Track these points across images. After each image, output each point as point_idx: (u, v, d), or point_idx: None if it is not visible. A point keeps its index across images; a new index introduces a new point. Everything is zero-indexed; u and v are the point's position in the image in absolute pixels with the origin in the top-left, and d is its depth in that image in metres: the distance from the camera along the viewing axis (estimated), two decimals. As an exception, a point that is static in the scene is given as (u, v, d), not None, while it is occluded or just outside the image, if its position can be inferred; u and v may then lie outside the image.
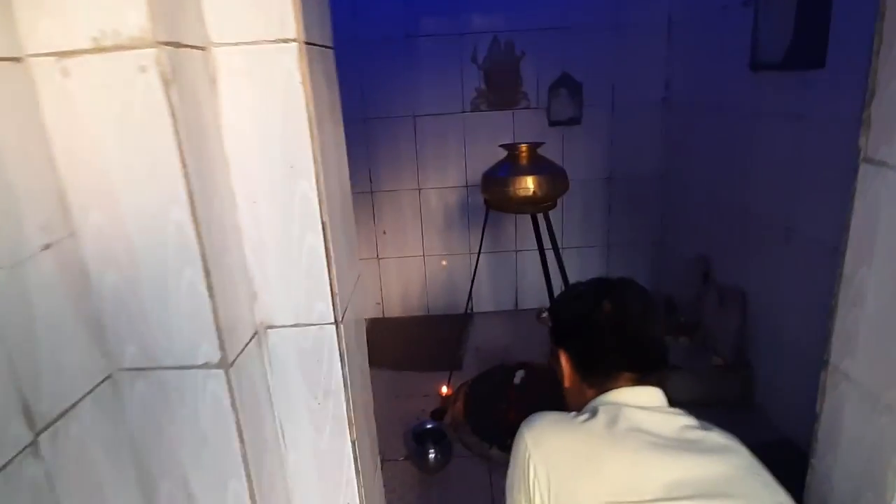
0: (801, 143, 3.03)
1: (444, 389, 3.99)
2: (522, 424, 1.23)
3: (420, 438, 3.28)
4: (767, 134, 3.33)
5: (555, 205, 3.30)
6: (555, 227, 3.73)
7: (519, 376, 3.63)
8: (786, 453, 4.05)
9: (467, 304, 4.08)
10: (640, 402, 1.16)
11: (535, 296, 5.39)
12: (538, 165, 3.09)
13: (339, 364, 1.31)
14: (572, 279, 3.92)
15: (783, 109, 3.17)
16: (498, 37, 4.64)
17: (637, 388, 1.20)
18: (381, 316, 5.41)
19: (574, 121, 4.79)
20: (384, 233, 5.17)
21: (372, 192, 5.06)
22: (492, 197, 3.22)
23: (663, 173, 4.94)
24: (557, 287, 4.20)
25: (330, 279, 1.27)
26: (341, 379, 1.33)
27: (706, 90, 4.02)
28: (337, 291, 1.30)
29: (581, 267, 5.06)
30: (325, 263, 1.26)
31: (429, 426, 3.33)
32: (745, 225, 3.67)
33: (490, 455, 3.35)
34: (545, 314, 3.50)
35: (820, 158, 2.88)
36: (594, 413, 1.14)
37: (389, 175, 5.03)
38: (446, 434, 3.25)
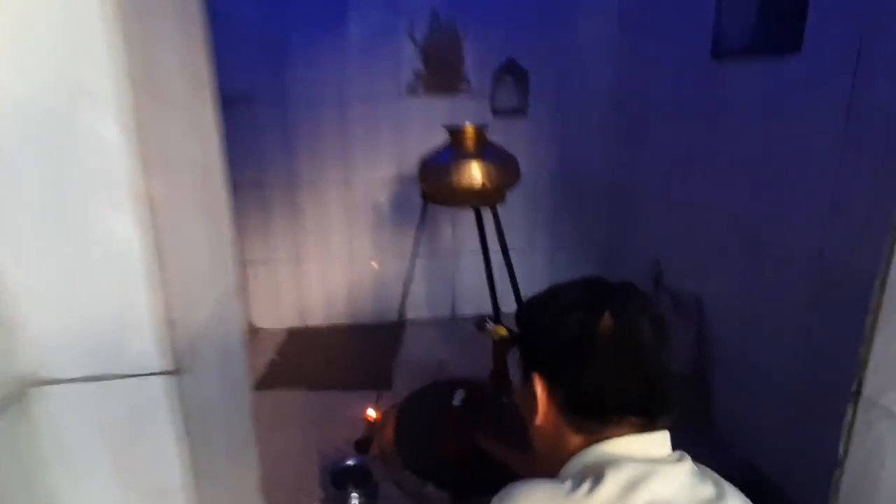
0: (770, 138, 2.74)
1: (371, 413, 3.41)
2: (495, 501, 0.92)
3: (340, 480, 2.69)
4: (731, 128, 3.04)
5: (503, 199, 2.83)
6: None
7: (458, 397, 3.12)
8: (746, 476, 3.85)
9: (400, 310, 3.53)
10: (652, 454, 0.88)
11: (474, 301, 4.92)
12: (487, 151, 2.61)
13: (181, 442, 0.75)
14: (521, 286, 3.49)
15: (749, 101, 2.88)
16: (438, 13, 4.14)
17: (646, 436, 0.90)
18: (301, 325, 4.73)
19: (519, 112, 4.38)
20: (305, 229, 4.50)
21: (291, 185, 4.39)
22: (430, 188, 2.70)
23: (614, 171, 4.64)
24: (503, 293, 3.75)
25: (158, 299, 0.70)
26: (182, 468, 0.76)
27: (662, 81, 3.73)
28: (176, 319, 0.74)
29: (523, 271, 4.64)
30: (144, 271, 0.70)
31: (350, 463, 2.75)
32: (704, 227, 3.38)
33: (425, 496, 2.82)
34: (489, 324, 3.05)
35: (793, 154, 2.59)
36: (598, 479, 0.82)
37: (312, 164, 4.39)
38: (371, 473, 2.68)
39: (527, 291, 4.24)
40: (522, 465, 1.71)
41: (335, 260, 4.61)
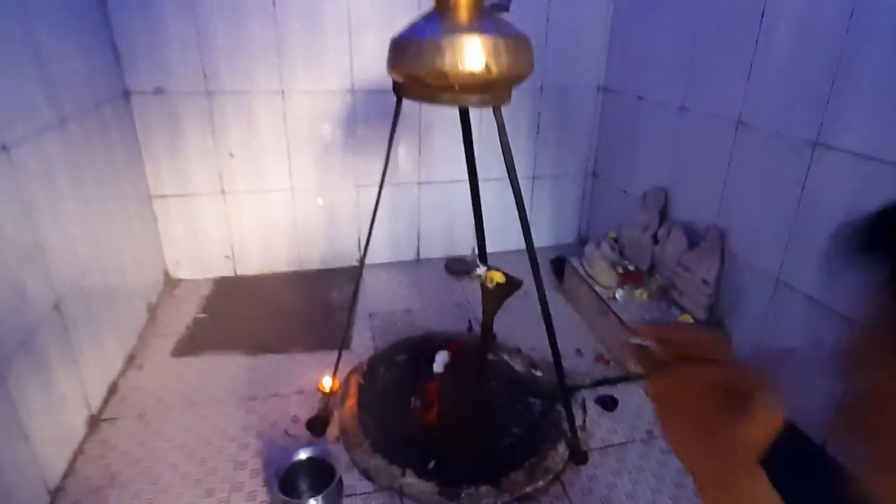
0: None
1: (327, 383, 2.70)
2: None
3: (290, 481, 1.99)
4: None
5: (509, 96, 2.07)
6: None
7: (440, 361, 2.46)
8: (793, 443, 3.50)
9: (362, 255, 2.78)
10: None
11: (441, 241, 4.20)
12: (487, 25, 1.80)
13: None
14: (490, 219, 2.81)
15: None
16: None
17: None
18: (231, 274, 3.85)
19: (501, 6, 3.50)
20: (231, 155, 3.55)
21: (208, 94, 3.38)
22: (408, 78, 1.88)
23: (608, 81, 3.93)
24: (493, 229, 3.08)
25: None
26: None
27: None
28: None
29: (496, 203, 3.95)
30: None
31: (303, 456, 2.04)
32: (729, 142, 2.77)
33: (403, 486, 2.18)
34: (480, 269, 2.36)
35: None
36: None
37: (235, 69, 3.38)
38: (333, 467, 2.00)
39: (506, 229, 3.55)
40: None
41: (273, 193, 3.71)
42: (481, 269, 2.37)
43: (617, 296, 3.16)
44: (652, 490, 2.21)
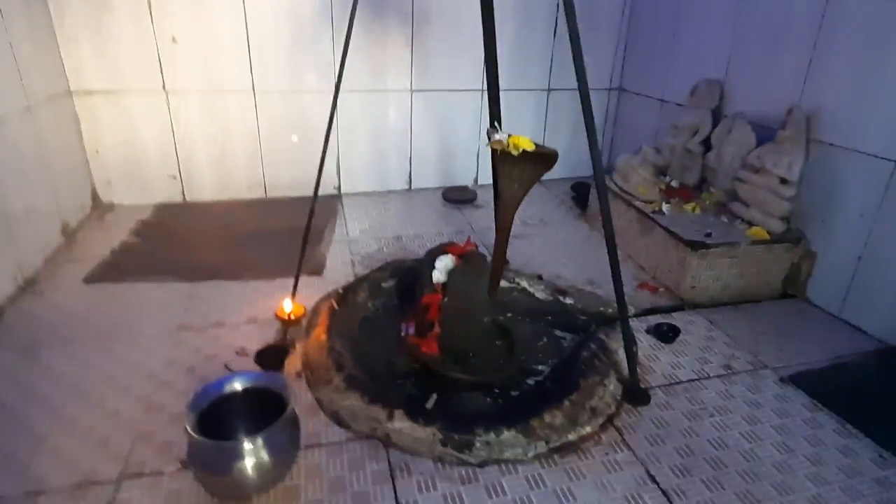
0: None
1: (287, 306, 2.00)
2: None
3: (219, 423, 1.29)
4: None
5: None
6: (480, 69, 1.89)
7: (443, 268, 1.75)
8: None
9: (320, 166, 2.10)
10: None
11: (438, 168, 3.51)
12: None
13: None
14: (506, 129, 2.12)
15: None
16: None
17: None
18: (178, 200, 3.12)
19: None
20: (174, 41, 2.81)
21: (143, -42, 2.65)
22: None
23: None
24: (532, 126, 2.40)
25: None
26: None
27: None
28: None
29: (512, 116, 3.28)
30: None
31: (239, 386, 1.35)
32: (820, 2, 2.11)
33: (390, 433, 1.49)
34: (499, 135, 1.65)
35: None
36: None
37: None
38: (283, 398, 1.30)
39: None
40: None
41: (228, 95, 2.98)
42: (500, 134, 1.68)
43: (664, 209, 2.49)
44: (748, 437, 1.54)
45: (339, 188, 3.35)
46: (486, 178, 3.58)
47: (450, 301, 1.74)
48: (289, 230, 2.79)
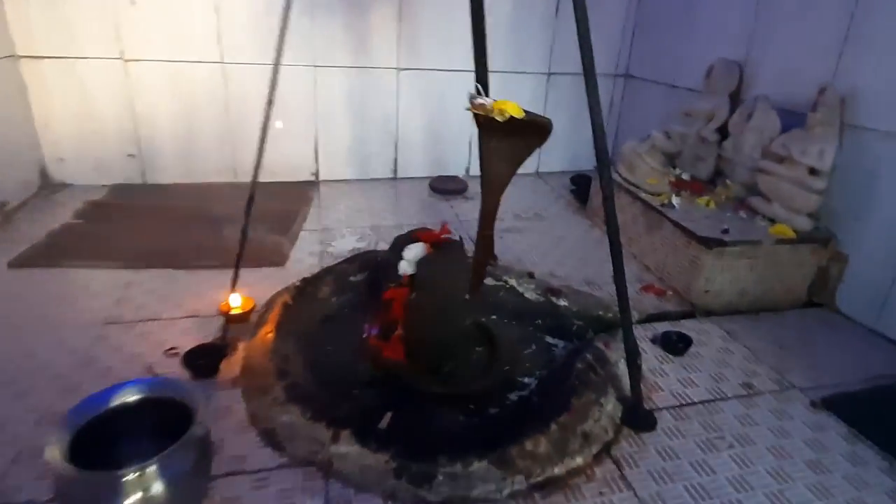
0: None
1: (234, 301, 1.72)
2: None
3: (101, 443, 1.01)
4: None
5: None
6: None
7: (412, 257, 1.46)
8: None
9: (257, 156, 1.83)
10: None
11: (426, 156, 3.23)
12: None
13: None
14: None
15: None
16: None
17: None
18: (137, 181, 2.84)
19: None
20: (133, 3, 2.54)
21: None
22: None
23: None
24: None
25: None
26: None
27: None
28: None
29: (519, 99, 2.97)
30: None
31: (132, 396, 1.06)
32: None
33: (333, 458, 1.20)
34: (482, 99, 1.37)
35: None
36: None
37: None
38: (190, 410, 1.02)
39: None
40: None
41: (195, 66, 2.70)
42: (484, 98, 1.39)
43: (673, 202, 2.20)
44: (776, 475, 1.25)
45: (316, 174, 3.06)
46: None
47: (418, 297, 1.45)
48: (259, 216, 2.51)
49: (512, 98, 1.95)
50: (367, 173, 3.15)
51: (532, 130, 1.43)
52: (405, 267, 1.47)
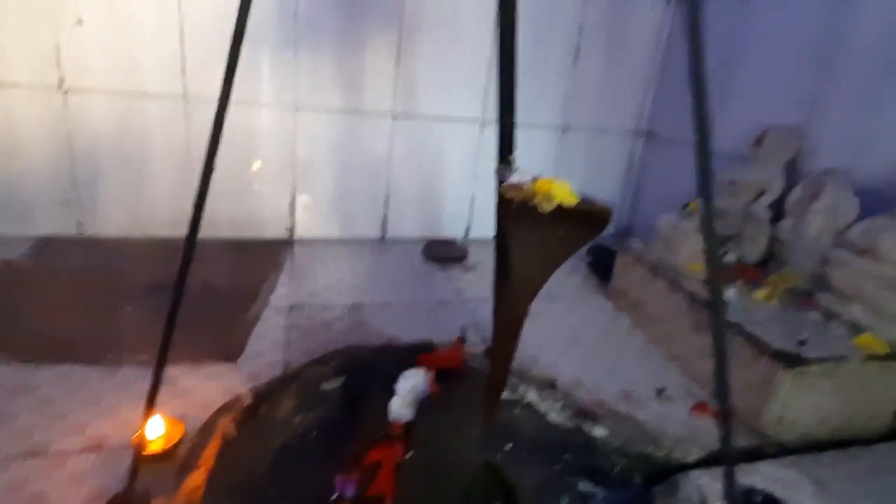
0: None
1: (151, 430, 1.22)
2: None
3: None
4: None
5: None
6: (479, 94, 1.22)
7: (407, 392, 1.01)
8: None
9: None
10: None
11: (420, 215, 2.81)
12: None
13: None
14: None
15: None
16: None
17: None
18: (72, 233, 2.36)
19: None
20: (80, 23, 2.12)
21: None
22: None
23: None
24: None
25: None
26: None
27: None
28: None
29: (528, 156, 2.58)
30: None
31: None
32: None
33: None
34: (518, 175, 0.98)
35: None
36: None
37: None
38: None
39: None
40: None
41: (151, 101, 2.27)
42: (518, 174, 0.97)
43: (730, 296, 1.79)
44: None
45: (291, 230, 2.61)
46: (481, 230, 2.89)
47: (417, 459, 0.99)
48: (210, 287, 2.03)
49: (519, 153, 1.53)
50: (352, 232, 2.71)
51: (585, 222, 1.01)
52: (399, 408, 1.01)
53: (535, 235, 1.04)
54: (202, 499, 1.09)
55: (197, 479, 1.14)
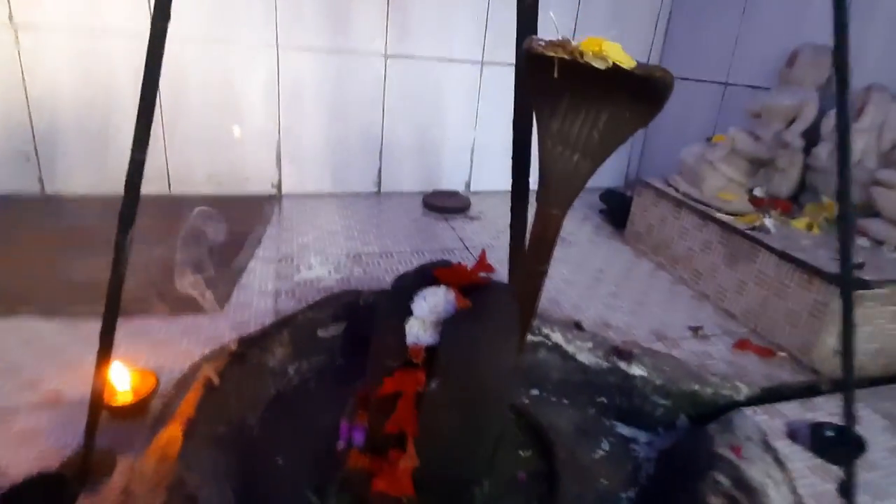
0: None
1: (121, 381, 1.03)
2: None
3: None
4: None
5: None
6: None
7: (425, 312, 0.82)
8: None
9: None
10: None
11: (418, 166, 2.61)
12: None
13: None
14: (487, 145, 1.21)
15: None
16: None
17: None
18: (33, 190, 2.13)
19: None
20: (25, -52, 1.87)
21: None
22: None
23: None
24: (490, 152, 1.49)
25: None
26: None
27: None
28: None
29: (502, 91, 2.36)
30: None
31: None
32: None
33: None
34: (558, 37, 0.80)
35: None
36: None
37: None
38: None
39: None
40: None
41: (111, 38, 2.03)
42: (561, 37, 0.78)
43: (768, 224, 1.61)
44: None
45: (278, 186, 2.40)
46: (482, 182, 2.69)
47: (443, 389, 0.80)
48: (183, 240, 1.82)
49: (506, 87, 1.32)
50: (345, 186, 2.50)
51: (642, 89, 0.82)
52: (418, 333, 0.82)
53: (582, 110, 0.85)
54: (179, 454, 0.90)
55: (172, 432, 0.95)
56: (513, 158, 1.22)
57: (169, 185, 2.25)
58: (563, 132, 0.91)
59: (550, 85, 0.85)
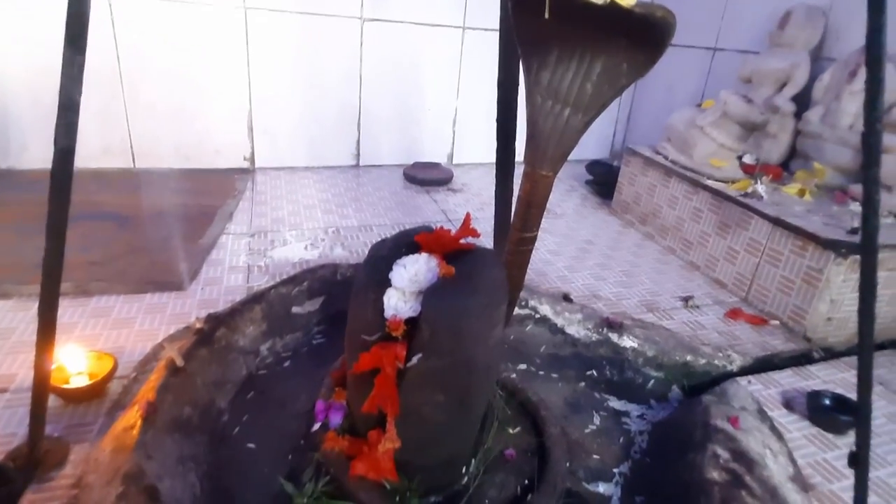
0: None
1: (68, 359, 0.94)
2: None
3: None
4: None
5: None
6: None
7: (405, 281, 0.75)
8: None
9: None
10: None
11: (398, 137, 2.51)
12: None
13: None
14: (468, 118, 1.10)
15: None
16: None
17: None
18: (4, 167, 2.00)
19: None
20: None
21: None
22: None
23: None
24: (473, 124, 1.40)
25: None
26: None
27: None
28: None
29: (479, 57, 2.27)
30: None
31: None
32: None
33: None
34: None
35: None
36: None
37: None
38: None
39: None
40: None
41: None
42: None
43: (760, 191, 1.57)
44: None
45: (251, 159, 2.28)
46: (465, 154, 2.60)
47: (425, 364, 0.73)
48: (159, 212, 1.72)
49: (487, 54, 1.22)
50: (321, 159, 2.39)
51: (634, 37, 0.74)
52: (397, 304, 0.74)
53: (574, 60, 0.77)
54: (138, 441, 0.82)
55: (131, 418, 0.87)
56: (497, 120, 1.14)
57: (133, 158, 2.12)
58: (554, 85, 0.83)
59: (539, 32, 0.77)
